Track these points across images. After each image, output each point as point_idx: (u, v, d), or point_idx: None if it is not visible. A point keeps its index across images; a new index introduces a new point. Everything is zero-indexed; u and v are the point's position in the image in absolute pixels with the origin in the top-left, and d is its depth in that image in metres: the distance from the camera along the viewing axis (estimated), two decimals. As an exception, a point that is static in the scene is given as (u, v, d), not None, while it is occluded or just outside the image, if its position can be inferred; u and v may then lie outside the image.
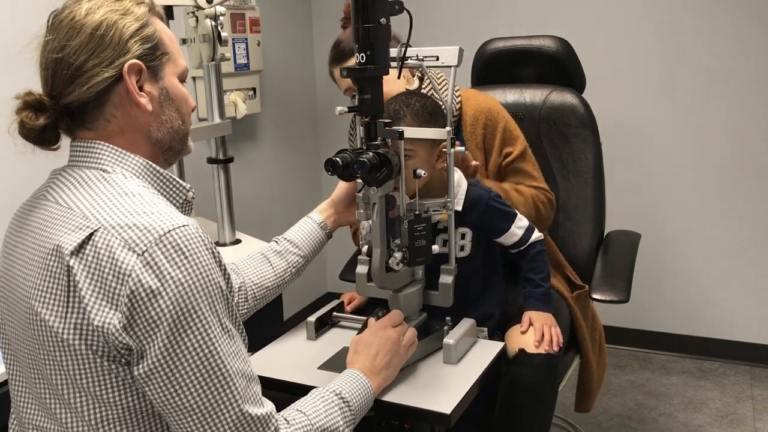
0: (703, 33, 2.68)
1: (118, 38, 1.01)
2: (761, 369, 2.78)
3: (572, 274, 1.87)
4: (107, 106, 1.03)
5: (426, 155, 1.44)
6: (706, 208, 2.79)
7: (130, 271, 0.91)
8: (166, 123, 1.09)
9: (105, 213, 0.96)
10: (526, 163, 1.74)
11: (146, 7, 1.07)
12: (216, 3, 2.00)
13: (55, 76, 1.02)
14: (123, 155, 1.05)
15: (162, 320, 0.92)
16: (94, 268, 0.93)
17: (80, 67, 1.00)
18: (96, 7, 1.02)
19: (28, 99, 1.02)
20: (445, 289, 1.44)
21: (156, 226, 0.94)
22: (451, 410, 1.20)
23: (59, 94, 1.02)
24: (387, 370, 1.25)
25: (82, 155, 1.05)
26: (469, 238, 1.51)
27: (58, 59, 1.01)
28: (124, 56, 1.02)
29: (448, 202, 1.41)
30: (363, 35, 1.24)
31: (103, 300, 0.92)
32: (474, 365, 1.36)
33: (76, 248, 0.93)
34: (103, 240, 0.93)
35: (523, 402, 1.48)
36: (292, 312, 3.10)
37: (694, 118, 2.75)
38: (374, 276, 1.35)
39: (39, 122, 1.01)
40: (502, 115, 1.74)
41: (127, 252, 0.92)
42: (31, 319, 0.98)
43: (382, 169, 1.26)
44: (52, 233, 0.98)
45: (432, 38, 2.99)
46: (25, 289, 0.99)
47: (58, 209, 1.00)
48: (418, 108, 1.45)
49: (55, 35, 1.01)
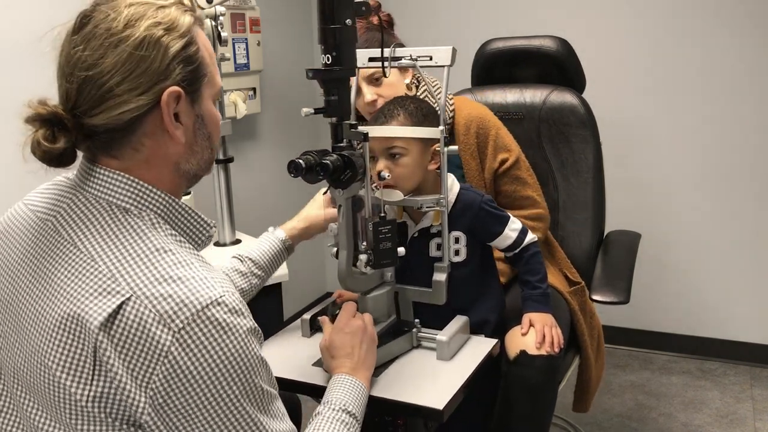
0: (703, 33, 2.68)
1: (160, 60, 0.89)
2: (761, 369, 2.78)
3: (569, 271, 1.87)
4: (137, 135, 0.92)
5: (418, 155, 1.44)
6: (706, 208, 2.79)
7: (166, 351, 0.82)
8: (197, 153, 0.99)
9: (135, 275, 0.85)
10: (521, 170, 1.75)
11: (191, 17, 0.94)
12: (216, 3, 2.00)
13: (81, 93, 0.89)
14: (148, 192, 0.93)
15: (199, 404, 0.85)
16: (125, 343, 0.83)
17: (112, 89, 0.87)
18: (137, 17, 0.89)
19: (44, 113, 0.88)
20: (438, 287, 1.44)
21: (193, 299, 0.84)
22: (443, 406, 1.21)
23: (83, 113, 0.89)
24: (368, 359, 1.25)
25: (102, 185, 0.93)
26: (464, 242, 1.51)
27: (87, 77, 0.87)
28: (163, 82, 0.90)
29: (441, 199, 1.42)
30: (329, 36, 1.24)
31: (134, 380, 0.83)
32: (467, 362, 1.37)
33: (105, 321, 0.83)
34: (136, 312, 0.83)
35: (524, 403, 1.48)
36: (292, 312, 3.10)
37: (694, 118, 2.75)
38: (340, 278, 1.35)
39: (58, 145, 0.88)
40: (494, 123, 1.75)
41: (162, 329, 0.82)
42: (42, 372, 0.88)
43: (345, 171, 1.25)
44: (72, 292, 0.86)
45: (432, 38, 3.00)
46: (36, 341, 0.89)
47: (78, 257, 0.88)
48: (412, 109, 1.45)
49: (85, 45, 0.88)
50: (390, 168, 1.44)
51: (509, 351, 1.51)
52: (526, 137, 2.06)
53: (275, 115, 3.03)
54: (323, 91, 1.28)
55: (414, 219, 1.53)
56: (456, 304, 1.48)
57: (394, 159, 1.44)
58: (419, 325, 1.45)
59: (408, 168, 1.44)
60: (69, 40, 0.91)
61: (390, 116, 1.45)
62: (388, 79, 1.66)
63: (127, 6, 0.90)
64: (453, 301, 1.46)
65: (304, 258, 2.32)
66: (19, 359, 0.92)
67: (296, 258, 1.57)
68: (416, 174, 1.45)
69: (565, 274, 1.86)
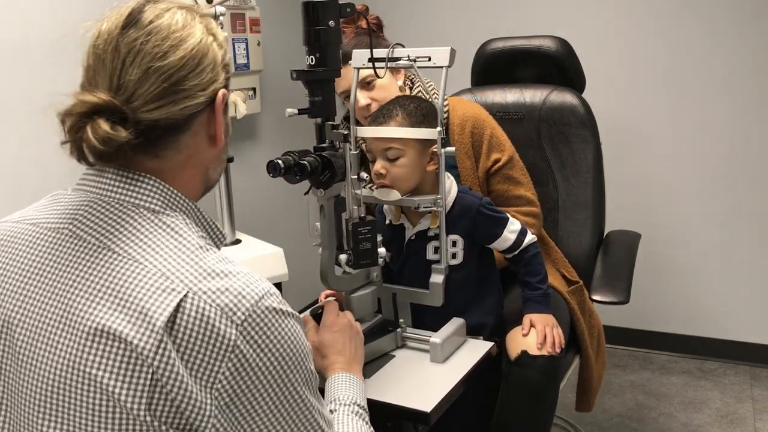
0: (703, 32, 2.68)
1: (213, 62, 0.91)
2: (761, 369, 2.78)
3: (567, 271, 1.87)
4: (186, 135, 0.91)
5: (416, 156, 1.44)
6: (706, 207, 2.79)
7: (232, 346, 0.81)
8: (222, 161, 1.00)
9: (186, 272, 0.83)
10: (515, 169, 1.75)
11: (223, 33, 0.98)
12: (216, 3, 2.00)
13: (142, 85, 0.86)
14: (174, 196, 0.91)
15: (265, 396, 0.84)
16: (188, 343, 0.80)
17: (180, 82, 0.87)
18: (191, 20, 0.91)
19: (100, 102, 0.83)
20: (435, 289, 1.44)
21: (250, 291, 0.83)
22: (431, 409, 1.20)
23: (140, 106, 0.86)
24: (359, 353, 1.27)
25: (125, 188, 0.89)
26: (461, 245, 1.51)
27: (153, 68, 0.86)
28: (217, 82, 0.92)
29: (438, 200, 1.41)
30: (313, 38, 1.26)
31: (198, 381, 0.80)
32: (461, 364, 1.36)
33: (167, 320, 0.79)
34: (197, 308, 0.80)
35: (525, 404, 1.48)
36: (292, 312, 3.10)
37: (694, 117, 2.75)
38: (322, 277, 1.36)
39: (121, 135, 0.83)
40: (489, 123, 1.75)
41: (226, 322, 0.81)
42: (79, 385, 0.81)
43: (324, 172, 1.26)
44: (121, 296, 0.81)
45: (432, 38, 3.00)
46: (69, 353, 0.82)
47: (118, 261, 0.83)
48: (412, 108, 1.45)
49: (146, 38, 0.87)
50: (387, 168, 1.44)
51: (510, 351, 1.51)
52: (526, 137, 2.06)
53: (275, 115, 3.03)
54: (307, 92, 1.29)
55: (412, 222, 1.53)
56: (453, 306, 1.48)
57: (391, 160, 1.43)
58: (404, 325, 1.45)
59: (405, 169, 1.43)
60: (121, 33, 0.88)
61: (388, 116, 1.45)
62: (380, 82, 1.67)
63: (178, 8, 0.92)
64: (450, 303, 1.46)
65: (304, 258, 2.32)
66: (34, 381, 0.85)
67: (296, 258, 1.57)
68: (414, 175, 1.45)
69: (563, 273, 1.86)
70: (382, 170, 1.44)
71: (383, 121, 1.46)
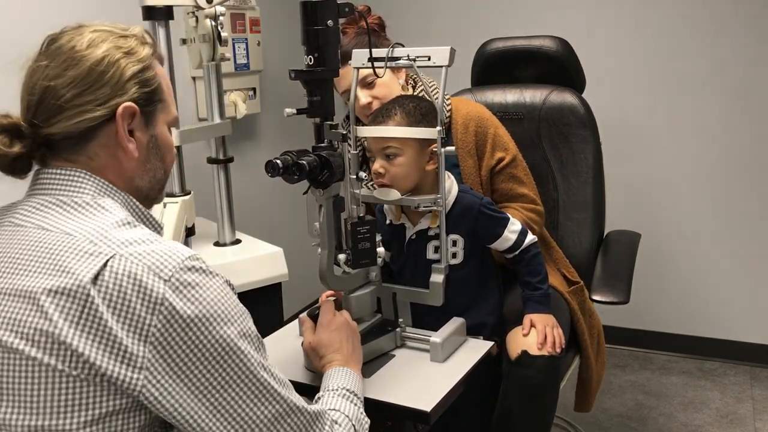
0: (704, 33, 2.68)
1: (117, 77, 0.97)
2: (761, 369, 2.78)
3: (567, 271, 1.87)
4: (92, 144, 0.98)
5: (415, 156, 1.44)
6: (706, 207, 2.79)
7: (161, 299, 0.85)
8: (149, 171, 1.04)
9: (114, 239, 0.89)
10: (517, 169, 1.75)
11: (150, 49, 1.02)
12: (216, 3, 2.00)
13: (41, 104, 0.95)
14: (108, 186, 0.99)
15: (201, 348, 0.87)
16: (117, 299, 0.84)
17: (71, 99, 0.95)
18: (99, 41, 0.97)
19: (4, 122, 0.95)
20: (435, 288, 1.44)
21: (174, 253, 0.89)
22: (431, 408, 1.20)
23: (42, 122, 0.95)
24: (356, 352, 1.28)
25: (60, 183, 0.97)
26: (461, 245, 1.51)
27: (48, 87, 0.95)
28: (120, 97, 0.97)
29: (438, 199, 1.42)
30: (311, 38, 1.27)
31: (132, 335, 0.84)
32: (461, 364, 1.36)
33: (93, 276, 0.84)
34: (124, 267, 0.85)
35: (525, 403, 1.48)
36: (292, 312, 3.10)
37: (694, 117, 2.75)
38: (322, 277, 1.36)
39: (13, 149, 0.94)
40: (492, 122, 1.75)
41: (153, 278, 0.86)
42: (12, 354, 0.85)
43: (323, 171, 1.26)
44: (52, 263, 0.87)
45: (432, 38, 3.00)
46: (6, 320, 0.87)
47: (51, 236, 0.90)
48: (410, 108, 1.45)
49: (50, 61, 0.96)
50: (386, 168, 1.44)
51: (510, 351, 1.51)
52: (526, 137, 2.06)
53: (275, 115, 3.03)
54: (306, 91, 1.29)
55: (412, 221, 1.53)
56: (453, 306, 1.48)
57: (390, 159, 1.44)
58: (403, 325, 1.45)
59: (403, 168, 1.44)
60: (35, 58, 0.98)
61: (387, 116, 1.46)
62: (381, 81, 1.67)
63: (92, 31, 0.99)
64: (450, 303, 1.46)
65: (304, 258, 2.32)
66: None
67: (296, 258, 1.57)
68: (412, 174, 1.45)
69: (564, 273, 1.86)
70: (381, 169, 1.44)
71: (382, 120, 1.46)
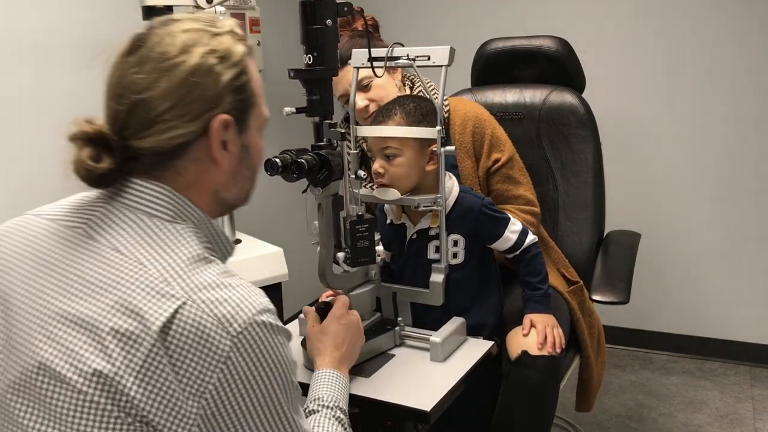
0: (703, 32, 2.68)
1: (212, 88, 0.90)
2: (761, 369, 2.78)
3: (566, 270, 1.87)
4: (183, 160, 0.91)
5: (414, 156, 1.44)
6: (706, 207, 2.79)
7: (225, 357, 0.81)
8: (238, 183, 0.99)
9: (189, 279, 0.84)
10: (514, 169, 1.75)
11: (244, 47, 0.95)
12: (216, 3, 2.00)
13: (131, 116, 0.88)
14: (185, 206, 0.93)
15: (250, 409, 0.85)
16: (182, 350, 0.80)
17: (164, 113, 0.88)
18: (192, 43, 0.89)
19: (90, 132, 0.87)
20: (435, 288, 1.44)
21: (248, 304, 0.84)
22: (431, 408, 1.20)
23: (131, 135, 0.89)
24: (353, 354, 1.28)
25: (140, 196, 0.91)
26: (462, 245, 1.51)
27: (139, 100, 0.87)
28: (214, 110, 0.90)
29: (438, 199, 1.41)
30: (310, 37, 1.27)
31: (186, 389, 0.81)
32: (461, 364, 1.36)
33: (162, 325, 0.80)
34: (194, 316, 0.81)
35: (525, 404, 1.48)
36: (292, 311, 3.10)
37: (694, 117, 2.75)
38: (321, 276, 1.37)
39: (102, 164, 0.87)
40: (490, 122, 1.75)
41: (221, 333, 0.81)
42: (62, 375, 0.82)
43: (322, 170, 1.27)
44: (123, 294, 0.83)
45: (432, 38, 2.99)
46: (54, 335, 0.84)
47: (125, 262, 0.85)
48: (411, 108, 1.45)
49: (138, 68, 0.88)
50: (385, 168, 1.44)
51: (511, 351, 1.51)
52: (526, 137, 2.06)
53: (275, 115, 3.02)
54: (305, 90, 1.30)
55: (413, 221, 1.53)
56: (454, 306, 1.48)
57: (389, 159, 1.44)
58: (402, 323, 1.45)
59: (403, 168, 1.44)
60: (122, 61, 0.91)
61: (387, 116, 1.46)
62: (377, 83, 1.68)
63: (183, 31, 0.90)
64: (451, 303, 1.46)
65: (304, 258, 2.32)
66: (24, 362, 0.87)
67: (296, 258, 1.57)
68: (412, 174, 1.45)
69: (563, 273, 1.86)
70: (380, 169, 1.44)
71: (382, 120, 1.46)
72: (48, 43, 2.08)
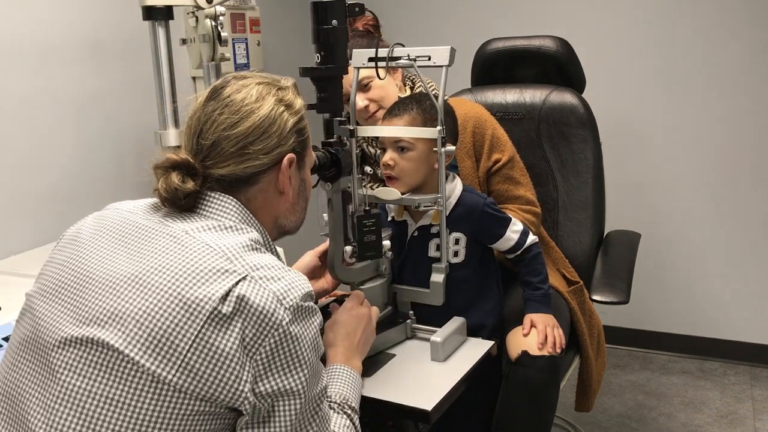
0: (703, 33, 2.68)
1: (282, 130, 1.08)
2: (761, 369, 2.78)
3: (567, 270, 1.87)
4: (254, 188, 1.09)
5: (426, 152, 1.45)
6: (706, 207, 2.79)
7: (278, 322, 0.94)
8: (296, 212, 1.17)
9: (249, 259, 0.98)
10: (514, 170, 1.75)
11: (302, 101, 1.14)
12: (216, 3, 2.00)
13: (215, 148, 1.05)
14: (251, 220, 1.09)
15: (296, 360, 0.97)
16: (240, 313, 0.93)
17: (245, 147, 1.05)
18: (265, 93, 1.08)
19: (178, 159, 1.04)
20: (436, 287, 1.44)
21: (297, 285, 0.98)
22: (431, 407, 1.20)
23: (212, 165, 1.06)
24: (364, 347, 1.30)
25: (211, 205, 1.06)
26: (463, 244, 1.51)
27: (223, 136, 1.05)
28: (282, 147, 1.08)
29: (439, 198, 1.42)
30: (320, 36, 1.31)
31: (242, 347, 0.93)
32: (461, 363, 1.36)
33: (225, 293, 0.93)
34: (252, 289, 0.94)
35: (525, 404, 1.48)
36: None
37: (694, 117, 2.75)
38: (330, 268, 1.40)
39: (187, 186, 1.03)
40: (490, 123, 1.75)
41: (277, 305, 0.95)
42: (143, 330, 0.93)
43: (331, 168, 1.32)
44: (192, 266, 0.96)
45: (432, 38, 3.00)
46: (134, 299, 0.95)
47: (193, 243, 0.99)
48: (427, 106, 1.47)
49: (222, 110, 1.06)
50: (396, 160, 1.45)
51: (511, 351, 1.51)
52: (526, 137, 2.06)
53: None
54: (315, 88, 1.34)
55: (414, 219, 1.53)
56: (454, 305, 1.48)
57: (402, 152, 1.45)
58: (413, 317, 1.46)
59: (413, 162, 1.45)
60: (204, 105, 1.08)
61: (404, 110, 1.48)
62: (377, 83, 1.68)
63: (257, 84, 1.09)
64: (451, 303, 1.46)
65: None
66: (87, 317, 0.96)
67: (296, 258, 1.57)
68: (420, 170, 1.46)
69: (563, 273, 1.86)
70: (390, 161, 1.45)
71: (399, 113, 1.48)
72: (48, 43, 2.08)
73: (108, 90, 2.24)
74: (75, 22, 2.16)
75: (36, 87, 2.06)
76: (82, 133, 2.18)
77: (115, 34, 2.27)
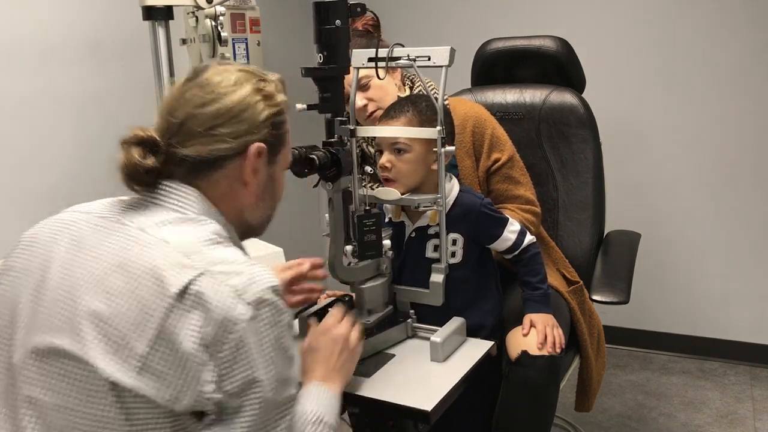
0: (703, 33, 2.68)
1: (254, 118, 1.05)
2: (761, 369, 2.78)
3: (566, 270, 1.87)
4: (218, 173, 1.05)
5: (422, 153, 1.45)
6: (706, 207, 2.79)
7: (238, 320, 0.91)
8: (260, 209, 1.12)
9: (207, 255, 0.95)
10: (514, 169, 1.75)
11: (285, 98, 1.11)
12: (216, 3, 2.00)
13: (182, 127, 1.03)
14: (213, 212, 1.05)
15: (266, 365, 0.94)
16: (197, 314, 0.90)
17: (213, 128, 1.03)
18: (244, 80, 1.06)
19: (143, 135, 1.02)
20: (435, 288, 1.44)
21: (259, 279, 0.95)
22: (431, 408, 1.20)
23: (178, 143, 1.03)
24: (344, 368, 1.22)
25: (172, 196, 1.03)
26: (461, 244, 1.51)
27: (193, 114, 1.03)
28: (252, 135, 1.05)
29: (438, 199, 1.42)
30: (322, 36, 1.32)
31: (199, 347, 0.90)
32: (461, 364, 1.36)
33: (181, 289, 0.90)
34: (211, 286, 0.91)
35: (525, 404, 1.48)
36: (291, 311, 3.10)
37: (693, 117, 2.75)
38: (330, 268, 1.41)
39: (147, 162, 1.01)
40: (490, 122, 1.75)
41: (236, 300, 0.91)
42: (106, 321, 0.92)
43: (332, 168, 1.32)
44: (145, 263, 0.93)
45: (432, 38, 3.00)
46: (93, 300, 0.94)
47: (150, 240, 0.97)
48: (423, 107, 1.47)
49: (198, 89, 1.04)
50: (393, 162, 1.45)
51: (510, 351, 1.51)
52: (526, 137, 2.06)
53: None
54: (317, 88, 1.34)
55: (412, 219, 1.53)
56: (453, 305, 1.48)
57: (399, 153, 1.45)
58: (414, 316, 1.46)
59: (410, 164, 1.44)
60: (183, 84, 1.07)
61: (400, 112, 1.48)
62: (376, 82, 1.68)
63: (238, 70, 1.08)
64: (450, 304, 1.46)
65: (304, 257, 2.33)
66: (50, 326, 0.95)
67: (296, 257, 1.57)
68: (418, 171, 1.46)
69: (563, 273, 1.86)
70: (388, 163, 1.45)
71: (395, 115, 1.47)
72: (48, 43, 2.08)
73: (108, 90, 2.25)
74: (75, 22, 2.16)
75: (36, 87, 2.06)
76: (82, 133, 2.18)
77: (115, 34, 2.27)
